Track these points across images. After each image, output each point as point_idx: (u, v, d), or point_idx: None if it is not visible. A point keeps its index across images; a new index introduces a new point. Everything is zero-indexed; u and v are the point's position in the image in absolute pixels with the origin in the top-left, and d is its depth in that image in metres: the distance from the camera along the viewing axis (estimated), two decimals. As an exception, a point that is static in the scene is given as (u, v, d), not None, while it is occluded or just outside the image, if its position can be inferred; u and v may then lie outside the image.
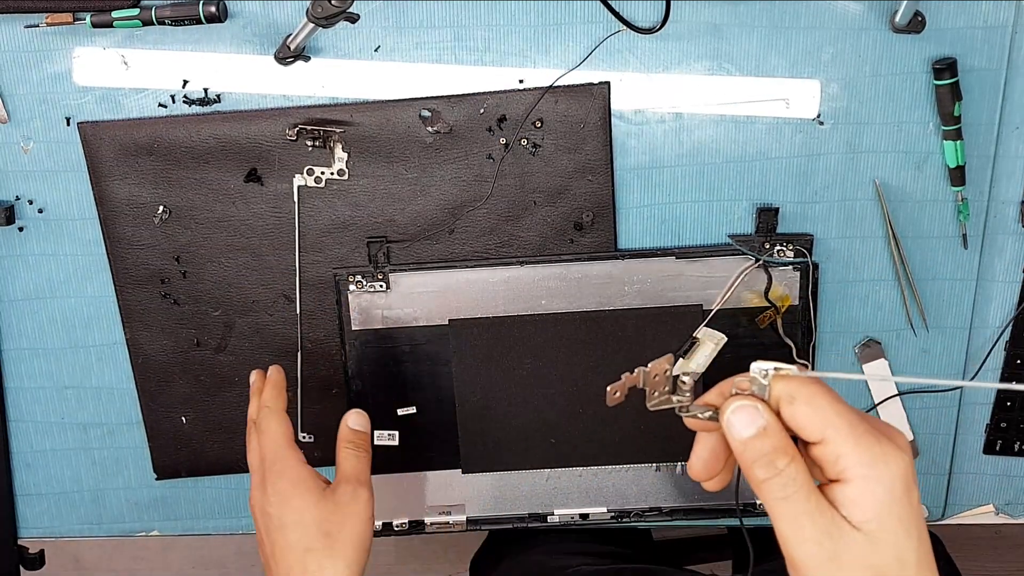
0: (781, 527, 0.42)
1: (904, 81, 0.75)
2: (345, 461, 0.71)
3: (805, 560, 0.42)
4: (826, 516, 0.41)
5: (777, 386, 0.43)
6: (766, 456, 0.42)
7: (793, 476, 0.42)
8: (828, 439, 0.42)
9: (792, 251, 0.78)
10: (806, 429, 0.42)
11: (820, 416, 0.42)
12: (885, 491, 0.41)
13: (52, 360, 0.83)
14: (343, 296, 0.80)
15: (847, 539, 0.41)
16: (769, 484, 0.42)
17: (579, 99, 0.76)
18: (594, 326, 0.80)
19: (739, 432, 0.43)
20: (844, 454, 0.41)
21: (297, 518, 0.66)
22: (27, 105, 0.77)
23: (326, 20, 0.67)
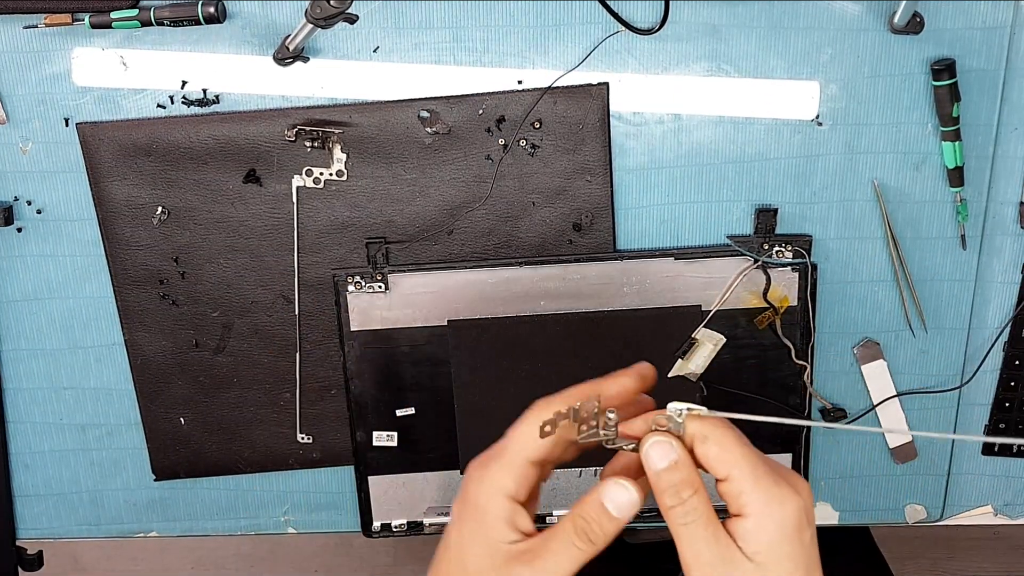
0: (682, 550, 0.47)
1: (903, 82, 0.75)
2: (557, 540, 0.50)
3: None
4: (722, 544, 0.46)
5: (692, 426, 0.47)
6: (674, 487, 0.47)
7: (695, 506, 0.47)
8: (732, 477, 0.46)
9: (791, 252, 0.78)
10: (714, 466, 0.47)
11: (727, 456, 0.46)
12: (777, 528, 0.46)
13: (51, 361, 0.83)
14: (342, 297, 0.80)
15: (740, 567, 0.46)
16: (674, 511, 0.47)
17: (578, 100, 0.76)
18: (593, 327, 0.80)
19: (654, 464, 0.48)
20: (745, 491, 0.46)
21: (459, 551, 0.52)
22: (26, 106, 0.77)
23: (325, 21, 0.67)
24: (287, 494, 0.87)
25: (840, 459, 0.85)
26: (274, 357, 0.82)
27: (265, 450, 0.85)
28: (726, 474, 0.46)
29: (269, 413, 0.84)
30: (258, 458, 0.85)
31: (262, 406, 0.84)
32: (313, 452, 0.85)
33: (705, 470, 0.48)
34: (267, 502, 0.87)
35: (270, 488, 0.87)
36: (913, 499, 0.86)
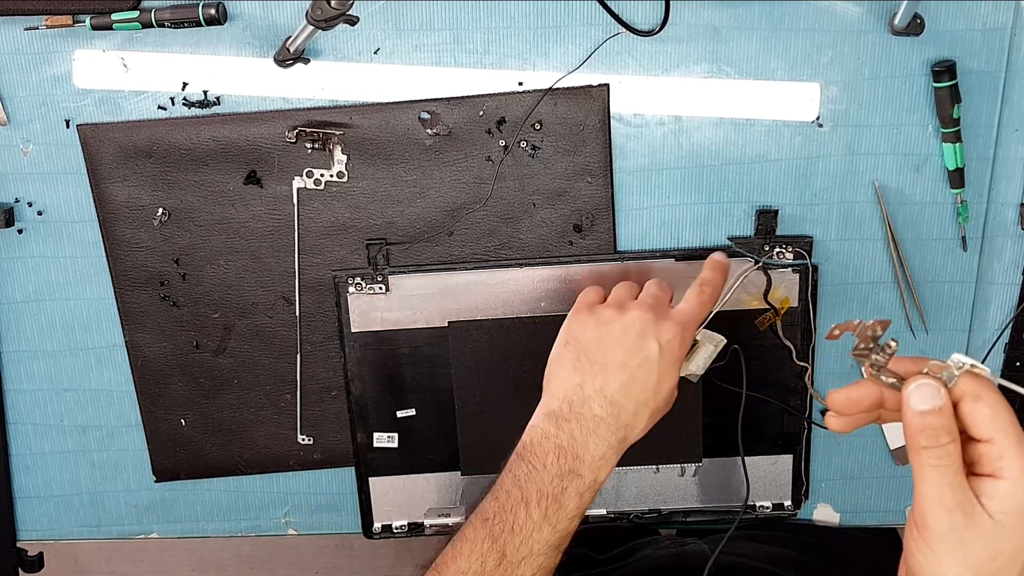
0: (925, 490, 0.48)
1: (903, 83, 0.75)
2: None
3: (936, 524, 0.48)
4: (966, 493, 0.48)
5: (968, 382, 0.48)
6: (934, 429, 0.48)
7: (950, 452, 0.48)
8: (997, 441, 0.47)
9: (791, 253, 0.78)
10: (980, 426, 0.48)
11: (998, 419, 0.47)
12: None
13: (51, 362, 0.83)
14: (342, 298, 0.80)
15: (978, 519, 0.47)
16: (928, 452, 0.48)
17: (578, 101, 0.76)
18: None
19: (916, 404, 0.49)
20: (1007, 456, 0.47)
21: (663, 380, 0.67)
22: (27, 107, 0.77)
23: (325, 23, 0.67)
24: (288, 495, 0.87)
25: (841, 461, 0.85)
26: (275, 358, 0.82)
27: (266, 451, 0.85)
28: (991, 435, 0.47)
29: (270, 414, 0.84)
30: (259, 459, 0.85)
31: (263, 407, 0.84)
32: (314, 453, 0.85)
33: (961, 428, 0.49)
34: (268, 503, 0.87)
35: (271, 489, 0.87)
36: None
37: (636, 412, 0.66)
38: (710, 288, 0.71)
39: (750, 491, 0.83)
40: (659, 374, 0.67)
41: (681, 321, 0.69)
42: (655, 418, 0.68)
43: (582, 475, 0.64)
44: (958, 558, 0.47)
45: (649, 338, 0.67)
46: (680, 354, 0.68)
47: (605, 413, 0.66)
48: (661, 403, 0.68)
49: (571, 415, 0.66)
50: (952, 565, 0.48)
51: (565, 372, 0.68)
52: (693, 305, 0.70)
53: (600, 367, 0.67)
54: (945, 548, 0.48)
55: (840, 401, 0.55)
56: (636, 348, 0.67)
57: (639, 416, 0.67)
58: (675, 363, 0.68)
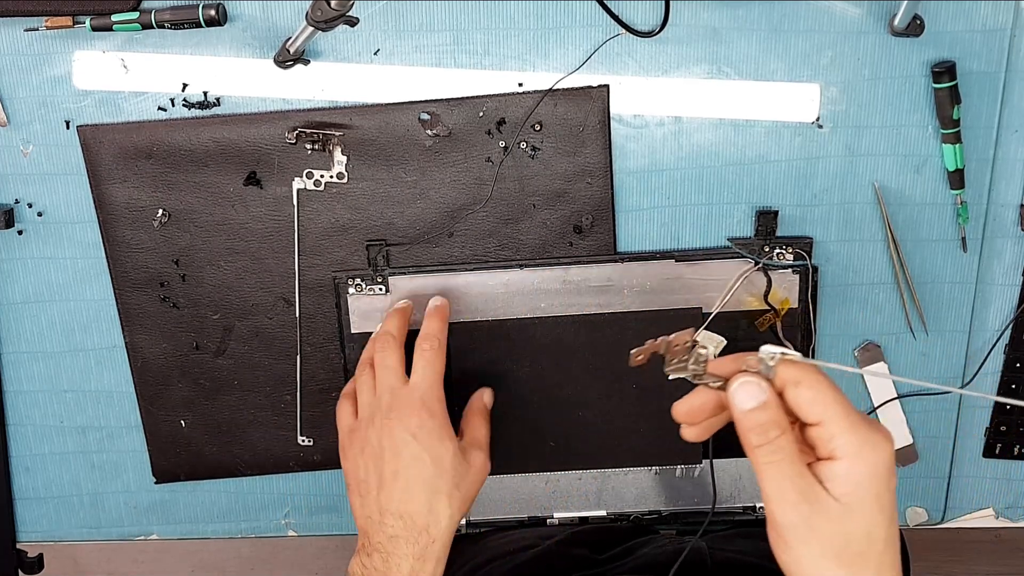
0: (767, 488, 0.48)
1: (903, 84, 0.75)
2: (477, 430, 0.74)
3: (784, 519, 0.47)
4: (807, 481, 0.47)
5: (785, 370, 0.48)
6: (762, 426, 0.48)
7: (782, 445, 0.47)
8: (825, 421, 0.47)
9: (791, 254, 0.78)
10: (806, 410, 0.47)
11: (821, 400, 0.47)
12: (868, 471, 0.46)
13: (51, 363, 0.83)
14: (342, 299, 0.80)
15: (824, 505, 0.47)
16: (760, 450, 0.48)
17: (578, 102, 0.76)
18: (593, 329, 0.79)
19: (741, 404, 0.48)
20: (837, 435, 0.46)
21: (438, 458, 0.68)
22: (27, 108, 0.77)
23: (325, 24, 0.67)
24: (288, 496, 0.87)
25: (841, 462, 0.84)
26: (275, 359, 0.82)
27: (266, 452, 0.85)
28: (819, 418, 0.47)
29: (270, 415, 0.84)
30: (258, 460, 0.85)
31: (263, 408, 0.83)
32: (314, 454, 0.85)
33: (793, 416, 0.48)
34: (268, 505, 0.87)
35: (271, 491, 0.87)
36: (914, 502, 0.86)
37: (431, 508, 0.67)
38: (429, 344, 0.72)
39: (749, 492, 0.83)
40: (432, 458, 0.68)
41: (420, 398, 0.70)
42: (467, 490, 0.70)
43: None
44: (815, 549, 0.47)
45: (400, 438, 0.68)
46: (441, 421, 0.70)
47: (398, 530, 0.67)
48: (458, 477, 0.69)
49: (371, 547, 0.67)
50: (812, 557, 0.47)
51: (356, 508, 0.70)
52: (422, 374, 0.71)
53: (376, 488, 0.68)
54: (799, 541, 0.47)
55: (683, 412, 0.54)
56: (395, 453, 0.68)
57: (437, 509, 0.67)
58: (440, 435, 0.69)
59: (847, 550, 0.47)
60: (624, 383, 0.80)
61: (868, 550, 0.47)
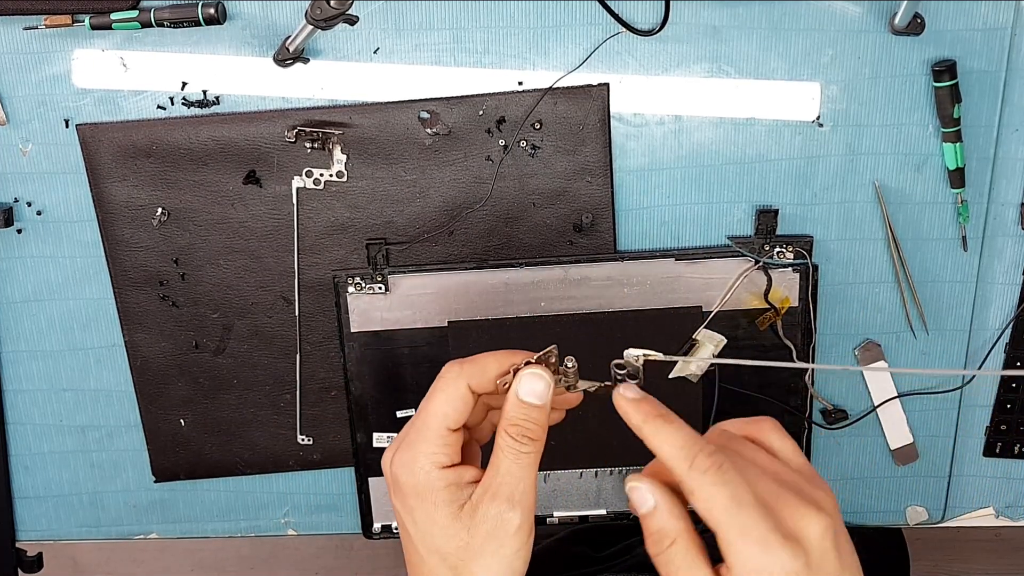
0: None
1: (903, 83, 0.75)
2: (502, 461, 0.51)
3: None
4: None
5: (686, 479, 0.45)
6: (652, 535, 0.46)
7: (672, 557, 0.45)
8: (720, 534, 0.44)
9: (792, 253, 0.78)
10: (705, 520, 0.45)
11: (712, 515, 0.44)
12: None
13: (50, 362, 0.83)
14: (342, 298, 0.79)
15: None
16: (656, 559, 0.46)
17: (578, 101, 0.76)
18: (593, 328, 0.79)
19: (637, 508, 0.47)
20: (728, 551, 0.44)
21: (420, 538, 0.51)
22: (26, 107, 0.77)
23: (325, 22, 0.67)
24: (287, 496, 0.87)
25: (841, 461, 0.84)
26: (274, 358, 0.82)
27: (265, 452, 0.85)
28: (714, 528, 0.45)
29: (269, 414, 0.84)
30: (258, 460, 0.85)
31: (262, 407, 0.83)
32: (313, 453, 0.85)
33: None
34: (267, 504, 0.87)
35: (270, 490, 0.87)
36: (914, 501, 0.86)
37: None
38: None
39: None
40: (415, 515, 0.51)
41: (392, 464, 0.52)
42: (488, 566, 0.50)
43: None
44: None
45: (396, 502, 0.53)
46: (411, 471, 0.51)
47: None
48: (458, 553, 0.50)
49: None
50: None
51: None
52: None
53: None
54: None
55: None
56: (400, 523, 0.53)
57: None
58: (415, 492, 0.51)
59: None
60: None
61: None
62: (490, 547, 0.49)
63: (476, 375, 0.52)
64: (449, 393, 0.51)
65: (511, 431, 0.51)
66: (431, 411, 0.52)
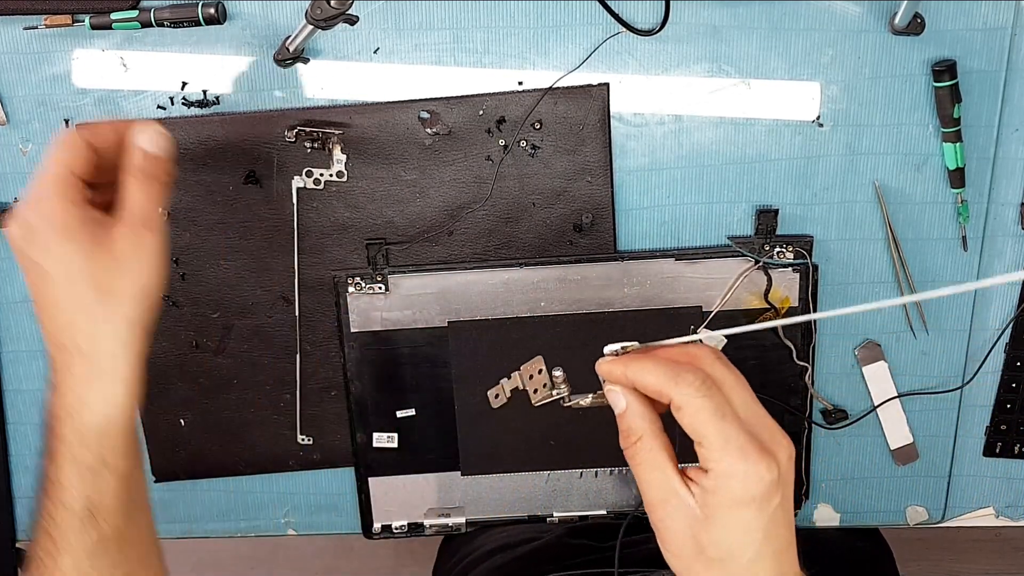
0: (639, 485, 0.51)
1: (903, 83, 0.75)
2: (130, 195, 0.57)
3: (650, 517, 0.51)
4: (667, 485, 0.50)
5: (672, 393, 0.50)
6: (623, 432, 0.52)
7: (638, 451, 0.51)
8: (702, 445, 0.49)
9: (792, 252, 0.78)
10: (688, 430, 0.49)
11: (696, 426, 0.49)
12: (732, 496, 0.48)
13: (50, 362, 0.83)
14: (342, 298, 0.79)
15: (683, 510, 0.49)
16: (625, 453, 0.52)
17: (578, 100, 0.76)
18: (593, 328, 0.79)
19: (615, 408, 0.53)
20: (708, 457, 0.49)
21: (63, 270, 0.55)
22: (26, 107, 0.77)
23: (325, 22, 0.67)
24: (287, 496, 0.87)
25: (841, 461, 0.84)
26: (274, 358, 0.82)
27: (265, 451, 0.85)
28: (697, 441, 0.49)
29: (269, 414, 0.84)
30: (258, 459, 0.85)
31: (262, 407, 0.83)
32: (313, 453, 0.85)
33: None
34: (267, 504, 0.87)
35: (270, 490, 0.87)
36: (914, 501, 0.86)
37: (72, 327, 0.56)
38: None
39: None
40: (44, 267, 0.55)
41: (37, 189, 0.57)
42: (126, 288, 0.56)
43: None
44: (677, 547, 0.50)
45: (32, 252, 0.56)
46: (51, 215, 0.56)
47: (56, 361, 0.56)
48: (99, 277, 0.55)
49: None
50: (678, 555, 0.50)
51: None
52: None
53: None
54: (663, 539, 0.51)
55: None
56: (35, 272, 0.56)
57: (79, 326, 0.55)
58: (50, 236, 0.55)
59: (704, 554, 0.49)
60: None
61: (728, 559, 0.49)
62: (133, 265, 0.56)
63: (93, 135, 0.59)
64: (67, 142, 0.57)
65: (139, 174, 0.58)
66: (53, 160, 0.57)
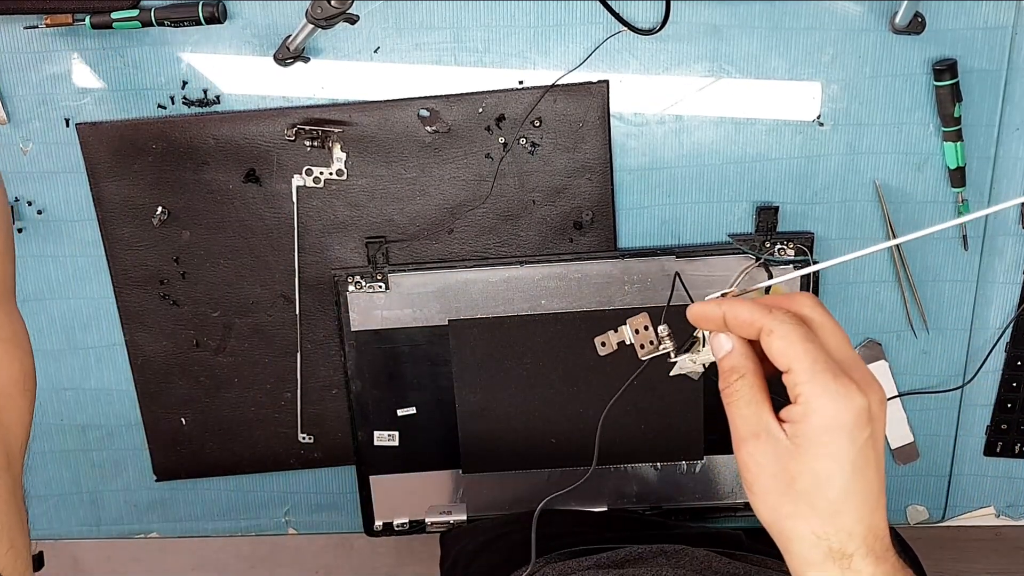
0: (730, 424, 0.51)
1: (904, 82, 0.75)
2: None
3: (738, 455, 0.50)
4: (760, 420, 0.49)
5: (762, 320, 0.50)
6: (725, 372, 0.52)
7: (738, 388, 0.51)
8: (793, 369, 0.48)
9: (793, 249, 0.78)
10: (776, 358, 0.49)
11: (789, 350, 0.48)
12: (823, 421, 0.47)
13: (51, 361, 0.83)
14: (342, 297, 0.79)
15: (773, 444, 0.49)
16: (723, 392, 0.51)
17: (578, 98, 0.76)
18: (594, 325, 0.79)
19: (716, 353, 0.53)
20: (800, 383, 0.48)
21: None
22: (26, 106, 0.77)
23: (326, 21, 0.67)
24: (288, 494, 0.87)
25: (841, 459, 0.84)
26: (275, 357, 0.82)
27: (266, 450, 0.85)
28: (787, 366, 0.48)
29: (270, 413, 0.84)
30: (259, 458, 0.85)
31: (263, 406, 0.83)
32: (314, 452, 0.85)
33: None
34: (268, 502, 0.87)
35: (271, 488, 0.87)
36: (915, 500, 0.86)
37: None
38: None
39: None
40: None
41: None
42: None
43: None
44: (765, 483, 0.49)
45: None
46: None
47: None
48: None
49: None
50: (763, 492, 0.49)
51: None
52: None
53: None
54: (752, 476, 0.49)
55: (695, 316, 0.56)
56: None
57: None
58: None
59: (792, 488, 0.48)
60: (626, 380, 0.80)
61: (815, 492, 0.48)
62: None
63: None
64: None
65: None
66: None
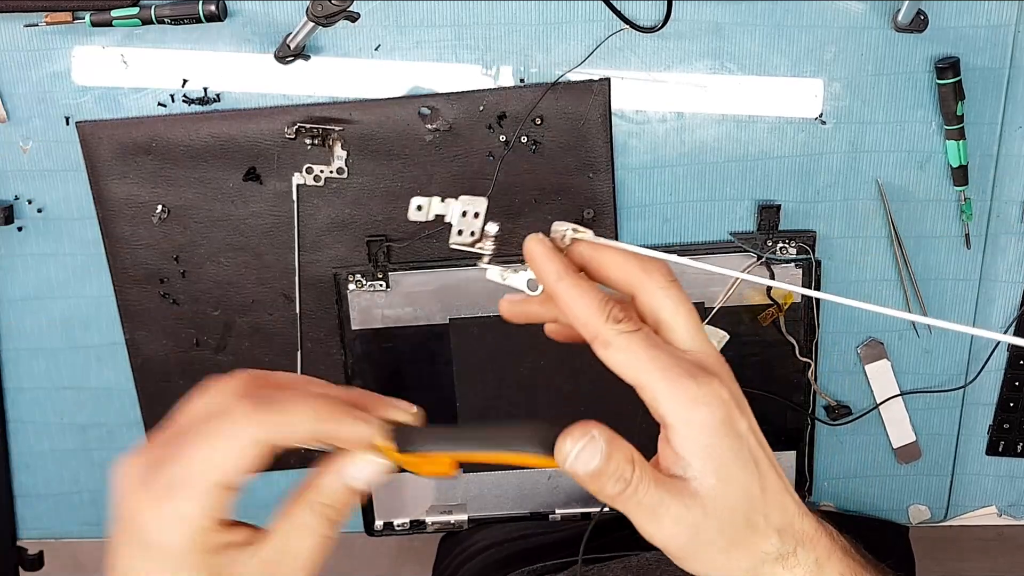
0: (635, 521, 0.42)
1: (907, 80, 0.75)
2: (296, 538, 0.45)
3: (656, 539, 0.41)
4: (661, 501, 0.41)
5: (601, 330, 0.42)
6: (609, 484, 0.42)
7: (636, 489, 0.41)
8: (644, 383, 0.41)
9: (795, 248, 0.78)
10: (623, 374, 0.42)
11: (634, 361, 0.41)
12: (703, 430, 0.40)
13: (51, 360, 0.83)
14: (343, 295, 0.79)
15: (685, 510, 0.40)
16: (616, 500, 0.42)
17: (579, 96, 0.76)
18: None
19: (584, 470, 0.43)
20: (659, 399, 0.41)
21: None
22: (26, 104, 0.77)
23: (326, 19, 0.66)
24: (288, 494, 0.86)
25: (844, 459, 0.84)
26: (275, 356, 0.82)
27: (266, 450, 0.84)
28: (636, 382, 0.41)
29: (270, 412, 0.83)
30: (259, 458, 0.85)
31: (263, 405, 0.83)
32: (315, 452, 0.84)
33: None
34: (268, 502, 0.86)
35: (271, 488, 0.86)
36: (917, 499, 0.86)
37: None
38: None
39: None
40: None
41: None
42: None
43: None
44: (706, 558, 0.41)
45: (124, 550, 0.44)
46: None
47: None
48: None
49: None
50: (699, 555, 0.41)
51: None
52: None
53: None
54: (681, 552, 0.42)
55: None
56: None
57: None
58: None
59: (722, 537, 0.40)
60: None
61: (734, 515, 0.40)
62: None
63: (277, 429, 0.43)
64: (230, 444, 0.41)
65: (321, 511, 0.44)
66: (199, 458, 0.41)
